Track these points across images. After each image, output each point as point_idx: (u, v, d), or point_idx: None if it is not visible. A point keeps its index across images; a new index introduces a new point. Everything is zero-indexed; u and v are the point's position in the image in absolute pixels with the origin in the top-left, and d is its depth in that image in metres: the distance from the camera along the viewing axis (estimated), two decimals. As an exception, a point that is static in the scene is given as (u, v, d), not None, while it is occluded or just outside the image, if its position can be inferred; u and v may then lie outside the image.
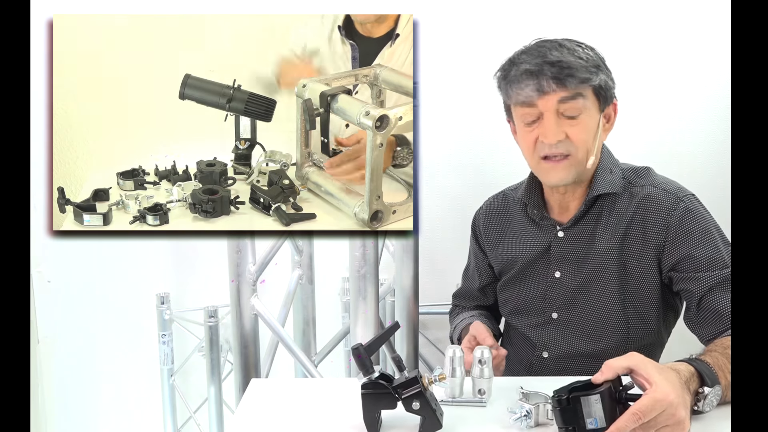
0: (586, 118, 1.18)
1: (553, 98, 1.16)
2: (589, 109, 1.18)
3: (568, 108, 1.17)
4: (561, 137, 1.17)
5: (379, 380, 0.93)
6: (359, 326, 1.24)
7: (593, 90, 1.18)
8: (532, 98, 1.17)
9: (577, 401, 0.88)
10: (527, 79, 1.17)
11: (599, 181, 1.25)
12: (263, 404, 1.07)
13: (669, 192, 1.22)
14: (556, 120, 1.17)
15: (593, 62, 1.19)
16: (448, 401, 1.03)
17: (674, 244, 1.19)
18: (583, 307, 1.26)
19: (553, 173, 1.21)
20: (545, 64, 1.16)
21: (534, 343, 1.33)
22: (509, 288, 1.38)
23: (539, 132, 1.19)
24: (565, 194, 1.28)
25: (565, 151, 1.19)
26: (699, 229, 1.19)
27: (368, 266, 1.21)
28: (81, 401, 1.98)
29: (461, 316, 1.52)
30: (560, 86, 1.15)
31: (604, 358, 1.22)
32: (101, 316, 1.93)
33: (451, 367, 1.03)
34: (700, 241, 1.18)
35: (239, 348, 1.31)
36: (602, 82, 1.18)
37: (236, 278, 1.28)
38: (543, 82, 1.15)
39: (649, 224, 1.21)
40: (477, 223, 1.49)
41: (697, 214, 1.20)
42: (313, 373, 1.33)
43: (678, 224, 1.19)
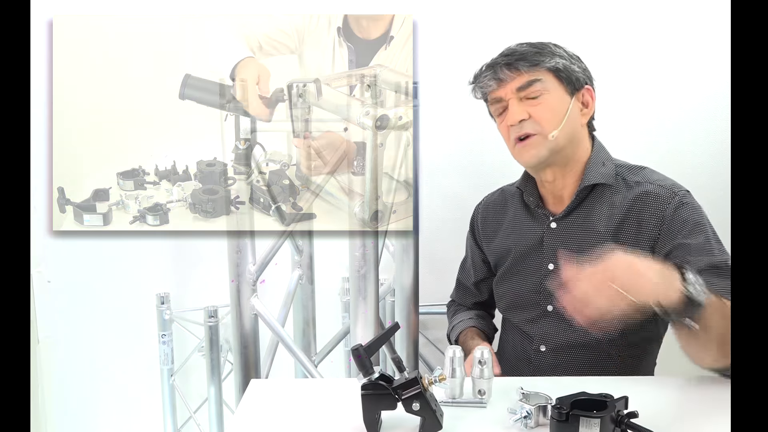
0: (549, 98, 1.25)
1: (511, 86, 1.25)
2: (551, 91, 1.25)
3: (526, 94, 1.25)
4: (524, 116, 1.24)
5: (379, 381, 0.93)
6: (359, 326, 1.24)
7: (551, 72, 1.25)
8: (491, 88, 1.27)
9: (577, 420, 0.87)
10: (486, 72, 1.29)
11: (591, 172, 1.28)
12: (263, 404, 1.07)
13: (664, 187, 1.24)
14: (518, 103, 1.25)
15: (549, 50, 1.27)
16: (448, 402, 1.03)
17: (668, 234, 1.21)
18: None
19: (525, 152, 1.27)
20: (500, 56, 1.28)
21: (531, 337, 1.34)
22: (504, 282, 1.39)
23: (507, 118, 1.27)
24: (554, 182, 1.31)
25: (531, 130, 1.25)
26: (692, 220, 1.20)
27: (368, 266, 1.21)
28: (81, 401, 1.98)
29: (458, 316, 1.54)
30: (514, 71, 1.24)
31: (600, 349, 1.25)
32: (101, 316, 1.93)
33: (451, 367, 1.03)
34: (692, 231, 1.19)
35: (239, 348, 1.31)
36: (560, 64, 1.25)
37: (236, 278, 1.28)
38: (498, 71, 1.26)
39: (645, 219, 1.23)
40: (475, 217, 1.51)
41: (691, 208, 1.22)
42: (313, 373, 1.33)
43: (672, 216, 1.21)
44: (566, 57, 1.28)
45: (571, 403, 0.89)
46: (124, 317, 1.93)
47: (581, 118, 1.29)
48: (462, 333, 1.47)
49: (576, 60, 1.30)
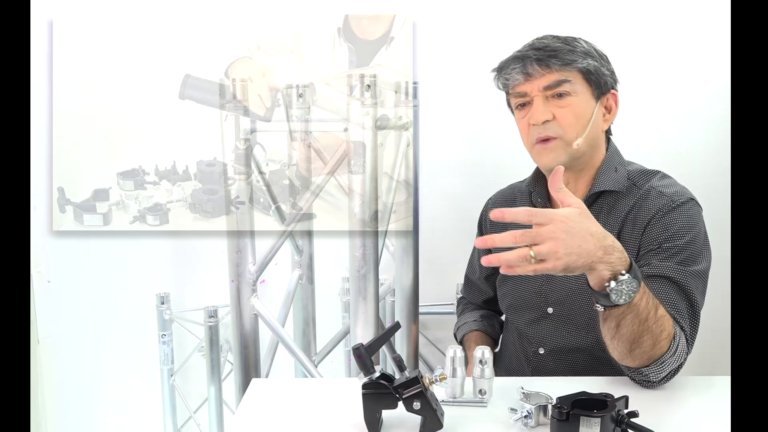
0: (575, 101, 1.20)
1: (539, 83, 1.20)
2: (579, 94, 1.21)
3: (553, 92, 1.20)
4: (548, 117, 1.20)
5: (379, 380, 0.93)
6: (359, 326, 1.23)
7: (582, 74, 1.21)
8: (518, 82, 1.22)
9: (577, 419, 0.87)
10: (514, 64, 1.22)
11: (602, 177, 1.25)
12: (263, 404, 1.07)
13: (665, 194, 1.21)
14: (544, 102, 1.21)
15: (582, 49, 1.22)
16: (448, 401, 1.03)
17: (649, 235, 1.18)
18: (578, 302, 1.26)
19: (545, 155, 1.23)
20: (531, 49, 1.22)
21: (530, 339, 1.34)
22: (506, 283, 1.38)
23: (529, 116, 1.22)
24: (566, 185, 1.27)
25: (553, 134, 1.21)
26: (677, 225, 1.16)
27: (368, 266, 1.21)
28: (81, 401, 1.98)
29: (464, 317, 1.53)
30: (544, 68, 1.19)
31: (598, 353, 1.23)
32: (101, 316, 1.93)
33: (452, 367, 1.03)
34: (673, 236, 1.16)
35: (239, 348, 1.31)
36: (591, 66, 1.21)
37: (236, 278, 1.28)
38: (528, 66, 1.20)
39: (639, 222, 1.20)
40: (484, 213, 1.50)
41: (682, 214, 1.18)
42: (313, 373, 1.33)
43: (660, 219, 1.18)
44: (597, 57, 1.23)
45: (572, 402, 0.89)
46: (125, 317, 1.93)
47: (603, 123, 1.26)
48: (466, 336, 1.47)
49: (605, 61, 1.25)
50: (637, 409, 0.91)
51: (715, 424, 0.98)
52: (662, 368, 1.06)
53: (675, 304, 1.11)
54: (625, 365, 1.08)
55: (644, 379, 1.08)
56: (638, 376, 1.08)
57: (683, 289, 1.12)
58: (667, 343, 1.04)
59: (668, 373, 1.07)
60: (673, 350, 1.06)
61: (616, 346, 1.04)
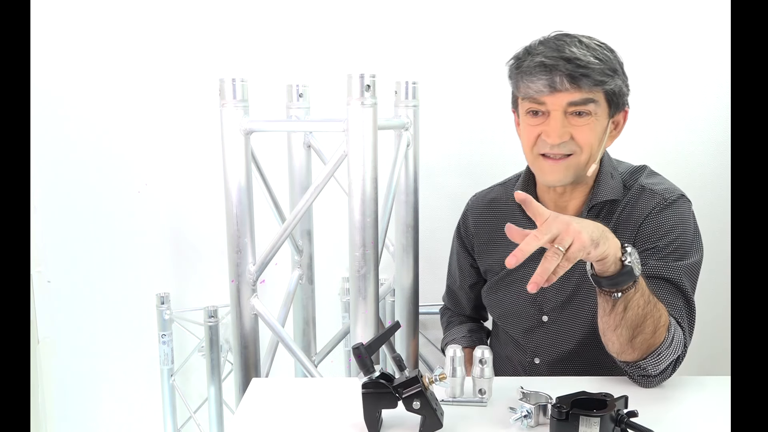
0: (594, 120, 1.14)
1: (564, 98, 1.12)
2: (599, 115, 1.15)
3: (576, 110, 1.13)
4: (565, 138, 1.14)
5: (379, 379, 0.93)
6: (359, 326, 1.23)
7: (605, 95, 1.14)
8: (542, 93, 1.13)
9: (577, 419, 0.87)
10: (540, 73, 1.12)
11: (603, 187, 1.22)
12: (263, 404, 1.07)
13: (656, 193, 1.19)
14: (563, 119, 1.13)
15: (611, 65, 1.14)
16: (448, 401, 1.03)
17: (641, 235, 1.17)
18: (573, 311, 1.25)
19: (551, 172, 1.18)
20: (561, 59, 1.11)
21: (525, 349, 1.32)
22: (498, 291, 1.34)
23: (543, 129, 1.15)
24: (563, 194, 1.25)
25: (567, 151, 1.15)
26: (668, 224, 1.16)
27: (368, 266, 1.21)
28: (81, 401, 1.98)
29: (451, 332, 1.49)
30: (573, 86, 1.11)
31: (593, 362, 1.22)
32: (101, 316, 1.93)
33: (452, 366, 1.03)
34: (664, 235, 1.15)
35: (239, 348, 1.31)
36: (616, 87, 1.14)
37: (236, 278, 1.28)
38: (556, 79, 1.11)
39: (632, 221, 1.19)
40: (465, 219, 1.44)
41: (673, 212, 1.17)
42: (313, 373, 1.33)
43: (651, 218, 1.17)
44: (621, 74, 1.17)
45: (571, 402, 0.90)
46: (125, 317, 1.93)
47: (608, 140, 1.21)
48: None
49: (625, 77, 1.19)
50: (636, 408, 0.91)
51: (715, 424, 0.98)
52: (659, 360, 1.06)
53: (672, 303, 1.11)
54: (623, 361, 1.08)
55: (643, 374, 1.08)
56: (636, 371, 1.08)
57: (678, 287, 1.13)
58: (665, 331, 1.05)
59: (666, 366, 1.07)
60: (669, 341, 1.06)
61: (619, 335, 1.03)
